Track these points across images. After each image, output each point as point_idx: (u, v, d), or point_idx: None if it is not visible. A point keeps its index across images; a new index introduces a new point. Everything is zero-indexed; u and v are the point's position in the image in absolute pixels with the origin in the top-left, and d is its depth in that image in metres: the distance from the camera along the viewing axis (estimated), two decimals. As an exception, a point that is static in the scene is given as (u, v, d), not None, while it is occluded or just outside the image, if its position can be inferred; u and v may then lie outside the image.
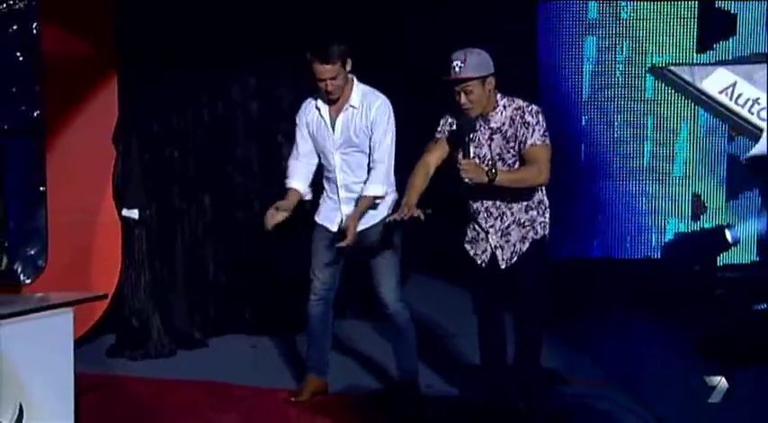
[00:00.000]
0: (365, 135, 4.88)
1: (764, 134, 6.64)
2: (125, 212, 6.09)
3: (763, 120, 6.72)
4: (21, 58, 6.65)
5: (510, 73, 7.07)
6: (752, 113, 6.94)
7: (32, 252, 6.45)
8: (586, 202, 7.55)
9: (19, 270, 6.51)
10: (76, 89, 6.12)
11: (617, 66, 7.47)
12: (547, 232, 4.59)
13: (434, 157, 4.64)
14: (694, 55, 7.40)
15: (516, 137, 4.45)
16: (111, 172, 6.10)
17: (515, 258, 4.53)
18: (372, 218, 4.94)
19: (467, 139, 4.44)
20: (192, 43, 6.17)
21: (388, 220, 4.70)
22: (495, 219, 4.54)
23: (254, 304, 6.55)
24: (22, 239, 6.50)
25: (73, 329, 3.39)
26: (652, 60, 7.42)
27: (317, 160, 5.05)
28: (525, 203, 4.52)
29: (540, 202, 4.57)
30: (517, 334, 4.64)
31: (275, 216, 4.90)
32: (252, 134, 6.53)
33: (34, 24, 6.43)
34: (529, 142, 4.41)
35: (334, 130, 4.92)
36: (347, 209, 4.95)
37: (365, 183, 4.90)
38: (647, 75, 7.46)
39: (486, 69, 4.46)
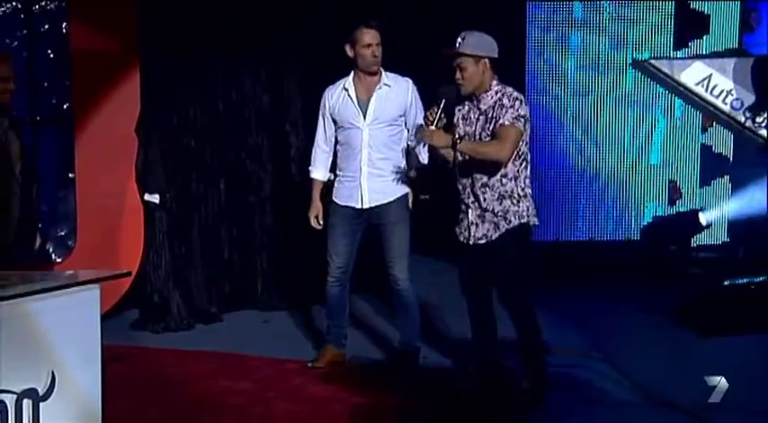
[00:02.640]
0: (397, 111, 4.88)
1: None
2: (147, 197, 6.07)
3: (735, 109, 6.71)
4: (51, 56, 6.63)
5: (499, 66, 7.12)
6: (725, 103, 6.94)
7: (63, 233, 6.45)
8: (571, 188, 7.53)
9: (51, 250, 6.51)
10: (102, 83, 6.09)
11: (600, 62, 7.44)
12: (524, 221, 4.39)
13: None
14: (671, 52, 7.37)
15: (493, 118, 4.35)
16: (134, 159, 6.07)
17: (483, 241, 4.41)
18: (393, 193, 4.89)
19: (440, 104, 4.36)
20: (207, 40, 6.15)
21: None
22: (475, 198, 4.42)
23: (265, 281, 6.53)
24: (53, 222, 6.50)
25: (100, 304, 3.38)
26: (632, 57, 7.40)
27: (333, 144, 5.01)
28: (498, 191, 4.37)
29: (513, 191, 4.38)
30: (510, 315, 4.55)
31: (318, 220, 5.01)
32: (263, 124, 6.51)
33: (64, 24, 6.40)
34: (500, 122, 4.30)
35: (366, 108, 4.86)
36: (371, 184, 4.87)
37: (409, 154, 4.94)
38: (628, 70, 7.44)
39: (482, 50, 4.36)
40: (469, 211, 4.45)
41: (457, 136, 4.33)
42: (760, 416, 4.24)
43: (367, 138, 4.85)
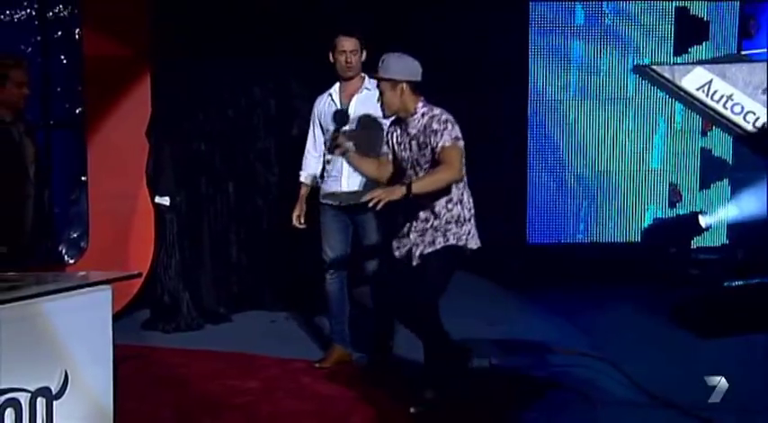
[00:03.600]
0: (377, 114, 4.82)
1: None
2: (157, 199, 6.08)
3: (736, 114, 6.71)
4: (64, 61, 6.65)
5: (502, 73, 7.12)
6: (726, 108, 6.93)
7: (75, 235, 6.46)
8: (573, 191, 7.52)
9: (64, 251, 6.52)
10: (114, 88, 6.11)
11: (601, 67, 7.44)
12: (462, 243, 4.28)
13: (379, 169, 4.50)
14: (672, 58, 7.37)
15: (428, 144, 4.21)
16: (144, 163, 6.08)
17: (419, 260, 4.28)
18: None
19: (337, 133, 4.39)
20: (217, 45, 6.16)
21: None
22: (420, 220, 4.30)
23: (273, 283, 6.54)
24: (66, 224, 6.51)
25: (112, 304, 3.38)
26: (633, 62, 7.39)
27: (322, 151, 5.05)
28: (446, 217, 4.25)
29: (460, 215, 4.28)
30: (413, 328, 4.44)
31: (300, 219, 5.05)
32: (271, 129, 6.51)
33: (77, 30, 6.41)
34: (439, 145, 4.14)
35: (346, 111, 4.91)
36: (350, 183, 4.91)
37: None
38: (628, 75, 7.44)
39: (399, 75, 4.22)
40: (412, 233, 4.32)
41: (406, 181, 4.20)
42: (760, 415, 4.22)
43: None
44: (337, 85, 5.00)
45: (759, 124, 7.00)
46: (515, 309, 6.39)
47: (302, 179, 5.12)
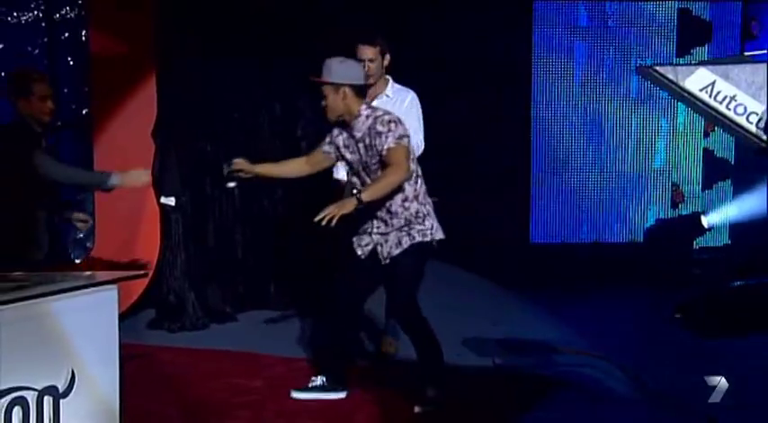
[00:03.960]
0: None
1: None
2: (163, 200, 6.08)
3: (739, 114, 6.71)
4: (71, 63, 6.65)
5: (506, 73, 7.12)
6: (729, 109, 6.93)
7: (82, 235, 6.45)
8: (577, 192, 7.52)
9: (70, 251, 6.52)
10: (120, 89, 6.11)
11: (604, 69, 7.44)
12: (428, 238, 4.26)
13: (310, 161, 4.54)
14: (674, 59, 7.36)
15: (374, 146, 4.20)
16: (150, 163, 6.08)
17: (388, 260, 4.29)
18: None
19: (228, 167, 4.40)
20: (221, 47, 6.16)
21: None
22: (379, 220, 4.30)
23: (278, 282, 6.54)
24: (73, 225, 6.50)
25: (117, 304, 3.38)
26: (636, 63, 7.39)
27: None
28: (404, 216, 4.25)
29: (418, 211, 4.25)
30: (402, 329, 4.48)
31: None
32: (276, 129, 6.51)
33: (83, 32, 6.42)
34: (384, 147, 4.13)
35: None
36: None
37: None
38: (631, 77, 7.43)
39: (341, 78, 4.20)
40: (374, 233, 4.33)
41: (355, 192, 4.20)
42: (762, 412, 4.21)
43: None
44: None
45: (761, 124, 7.00)
46: (519, 308, 6.39)
47: (335, 176, 5.11)
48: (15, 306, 3.02)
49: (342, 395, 4.47)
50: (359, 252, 4.39)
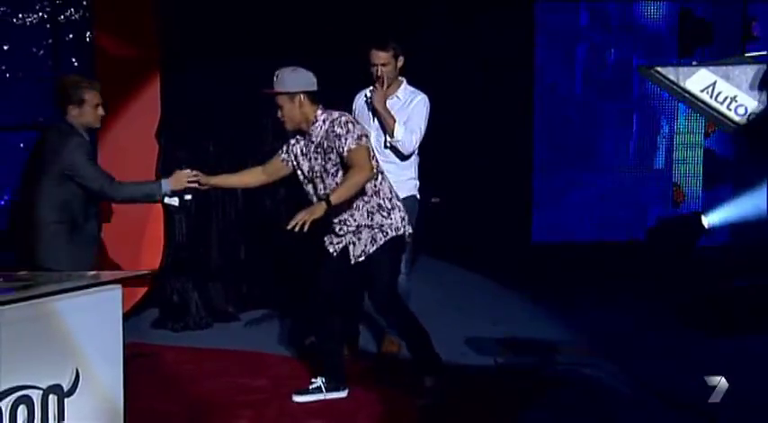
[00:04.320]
0: (402, 120, 4.95)
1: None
2: (167, 200, 6.04)
3: (740, 115, 6.71)
4: (76, 64, 6.66)
5: (509, 73, 7.12)
6: (729, 109, 6.92)
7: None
8: (579, 191, 7.53)
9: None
10: (124, 90, 6.11)
11: (606, 68, 7.44)
12: (400, 232, 4.32)
13: (267, 170, 4.58)
14: (676, 59, 7.36)
15: (333, 148, 4.23)
16: (154, 163, 6.09)
17: (363, 257, 4.33)
18: (401, 193, 4.84)
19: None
20: (226, 48, 6.16)
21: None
22: (347, 221, 4.33)
23: (281, 282, 6.54)
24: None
25: (122, 303, 3.38)
26: (638, 63, 7.39)
27: None
28: (366, 209, 4.30)
29: (380, 205, 4.31)
30: (388, 321, 4.53)
31: None
32: (279, 130, 6.50)
33: (88, 33, 6.43)
34: (345, 149, 4.16)
35: (375, 114, 4.99)
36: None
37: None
38: (632, 77, 7.43)
39: (295, 86, 4.23)
40: (342, 232, 4.37)
41: (324, 194, 4.22)
42: (763, 412, 4.21)
43: (374, 142, 4.95)
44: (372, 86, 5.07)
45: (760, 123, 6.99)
46: (520, 307, 6.38)
47: None
48: (20, 305, 3.03)
49: (342, 394, 4.48)
50: (330, 249, 4.44)
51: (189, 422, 4.24)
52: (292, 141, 4.46)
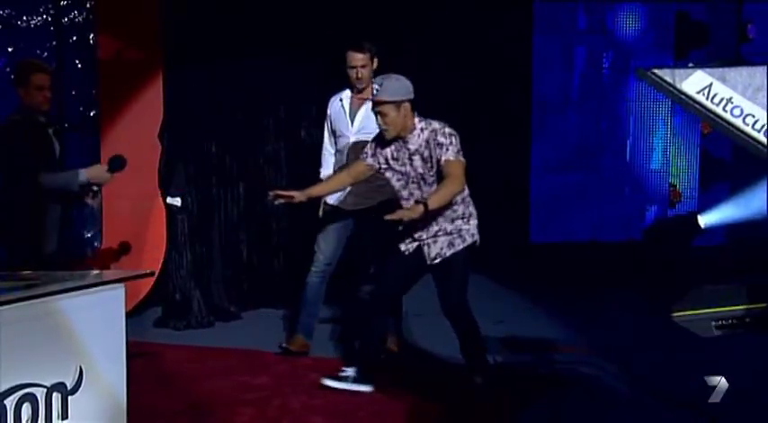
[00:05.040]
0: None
1: None
2: (169, 200, 6.09)
3: (735, 116, 6.71)
4: (79, 66, 6.65)
5: (507, 73, 7.12)
6: (725, 111, 6.92)
7: (90, 235, 6.46)
8: (576, 191, 7.52)
9: (78, 250, 6.52)
10: (127, 92, 6.12)
11: (603, 70, 7.45)
12: (475, 239, 4.44)
13: (352, 174, 4.57)
14: (672, 61, 7.36)
15: (432, 157, 4.30)
16: (157, 164, 6.09)
17: (438, 260, 4.40)
18: (375, 199, 4.99)
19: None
20: (227, 50, 6.17)
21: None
22: (430, 225, 4.38)
23: (281, 281, 6.54)
24: (81, 224, 6.51)
25: (125, 302, 3.38)
26: (635, 65, 7.39)
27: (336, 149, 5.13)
28: (450, 218, 4.37)
29: (463, 213, 4.41)
30: (453, 325, 4.54)
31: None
32: (280, 131, 6.52)
33: (91, 36, 6.43)
34: (444, 158, 4.24)
35: (354, 117, 4.99)
36: (356, 189, 4.98)
37: None
38: (629, 79, 7.43)
39: (400, 95, 4.28)
40: (421, 233, 4.41)
41: (421, 199, 4.24)
42: (761, 411, 4.21)
43: (353, 145, 4.98)
44: (348, 91, 5.07)
45: (758, 126, 6.99)
46: (519, 307, 6.39)
47: (322, 176, 5.18)
48: (24, 304, 3.03)
49: (368, 389, 4.50)
50: (402, 248, 4.47)
51: (191, 420, 4.24)
52: (378, 145, 4.46)
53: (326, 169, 5.17)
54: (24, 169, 4.40)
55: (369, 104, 4.90)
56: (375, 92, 4.29)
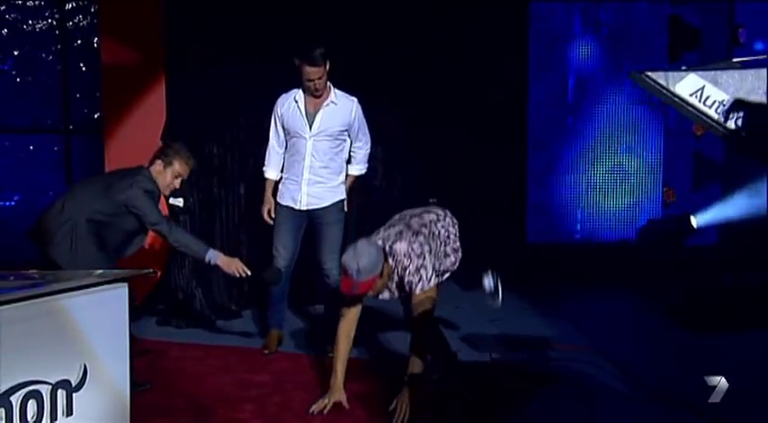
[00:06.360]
0: (340, 127, 5.03)
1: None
2: (171, 200, 6.05)
3: (728, 119, 6.73)
4: (84, 69, 6.66)
5: (503, 77, 7.12)
6: (718, 113, 6.94)
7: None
8: (570, 192, 7.53)
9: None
10: (130, 94, 6.13)
11: (597, 73, 7.45)
12: (454, 268, 4.57)
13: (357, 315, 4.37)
14: (665, 64, 7.36)
15: (404, 288, 4.25)
16: (159, 165, 6.08)
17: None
18: (329, 199, 5.10)
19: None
20: (228, 54, 6.18)
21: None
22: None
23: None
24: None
25: (128, 300, 3.39)
26: (629, 68, 7.39)
27: (284, 147, 5.17)
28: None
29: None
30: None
31: (270, 214, 5.20)
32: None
33: (95, 39, 6.44)
34: (414, 294, 4.19)
35: (312, 121, 5.02)
36: (309, 189, 5.06)
37: (349, 163, 5.17)
38: (623, 81, 7.43)
39: (374, 272, 4.05)
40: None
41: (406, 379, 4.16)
42: (752, 406, 4.21)
43: (311, 148, 5.03)
44: (300, 91, 5.06)
45: (747, 126, 7.00)
46: (515, 305, 6.38)
47: (267, 175, 5.24)
48: (29, 303, 3.03)
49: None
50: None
51: (193, 416, 4.24)
52: None
53: (272, 168, 5.20)
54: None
55: (325, 109, 5.01)
56: (355, 277, 4.00)
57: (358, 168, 5.25)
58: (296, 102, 5.07)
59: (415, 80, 6.61)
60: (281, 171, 5.18)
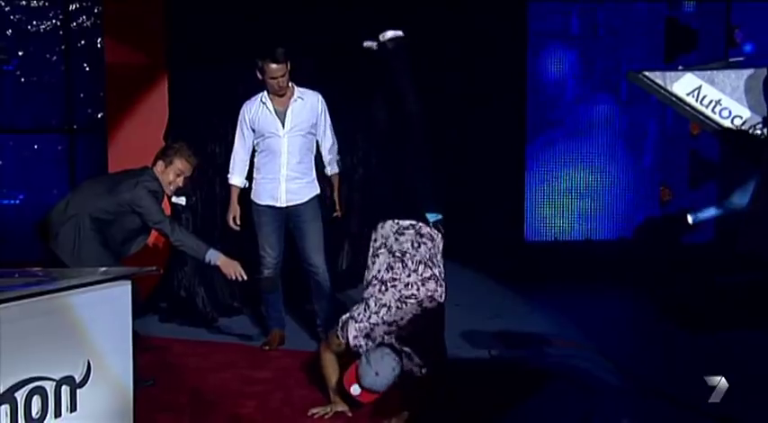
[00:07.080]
0: (310, 121, 5.08)
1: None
2: (174, 199, 6.07)
3: (723, 118, 6.73)
4: (87, 69, 6.67)
5: (501, 76, 7.12)
6: (714, 113, 6.94)
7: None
8: (569, 191, 7.53)
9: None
10: (133, 94, 6.13)
11: (595, 74, 7.45)
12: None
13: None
14: (662, 65, 7.36)
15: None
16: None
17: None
18: (306, 194, 5.14)
19: None
20: (230, 54, 6.17)
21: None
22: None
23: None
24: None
25: (131, 298, 3.39)
26: (626, 68, 7.39)
27: (250, 154, 5.19)
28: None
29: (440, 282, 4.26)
30: None
31: (236, 221, 5.27)
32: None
33: (99, 40, 6.44)
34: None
35: (283, 118, 5.05)
36: (288, 185, 5.10)
37: (327, 162, 5.23)
38: (621, 82, 7.44)
39: (387, 384, 3.93)
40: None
41: None
42: (746, 404, 4.22)
43: (286, 144, 5.07)
44: (266, 92, 5.10)
45: (743, 126, 7.01)
46: (514, 303, 6.40)
47: (232, 182, 5.28)
48: (34, 300, 3.04)
49: None
50: None
51: (195, 412, 4.25)
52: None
53: (237, 175, 5.24)
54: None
55: (293, 106, 5.05)
56: (370, 388, 3.89)
57: (334, 167, 5.30)
58: (263, 103, 5.11)
59: (415, 77, 6.60)
60: (257, 172, 5.20)
